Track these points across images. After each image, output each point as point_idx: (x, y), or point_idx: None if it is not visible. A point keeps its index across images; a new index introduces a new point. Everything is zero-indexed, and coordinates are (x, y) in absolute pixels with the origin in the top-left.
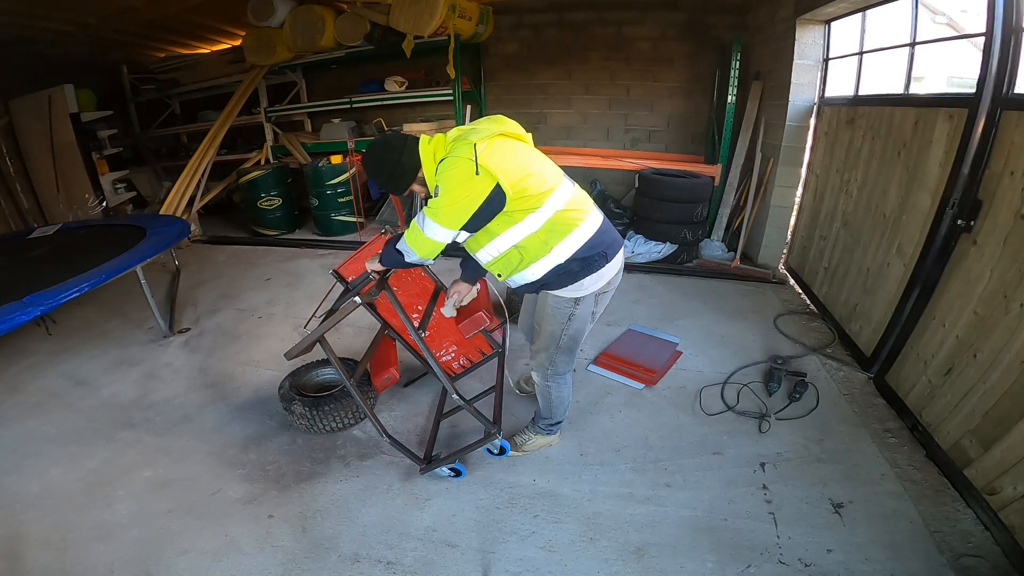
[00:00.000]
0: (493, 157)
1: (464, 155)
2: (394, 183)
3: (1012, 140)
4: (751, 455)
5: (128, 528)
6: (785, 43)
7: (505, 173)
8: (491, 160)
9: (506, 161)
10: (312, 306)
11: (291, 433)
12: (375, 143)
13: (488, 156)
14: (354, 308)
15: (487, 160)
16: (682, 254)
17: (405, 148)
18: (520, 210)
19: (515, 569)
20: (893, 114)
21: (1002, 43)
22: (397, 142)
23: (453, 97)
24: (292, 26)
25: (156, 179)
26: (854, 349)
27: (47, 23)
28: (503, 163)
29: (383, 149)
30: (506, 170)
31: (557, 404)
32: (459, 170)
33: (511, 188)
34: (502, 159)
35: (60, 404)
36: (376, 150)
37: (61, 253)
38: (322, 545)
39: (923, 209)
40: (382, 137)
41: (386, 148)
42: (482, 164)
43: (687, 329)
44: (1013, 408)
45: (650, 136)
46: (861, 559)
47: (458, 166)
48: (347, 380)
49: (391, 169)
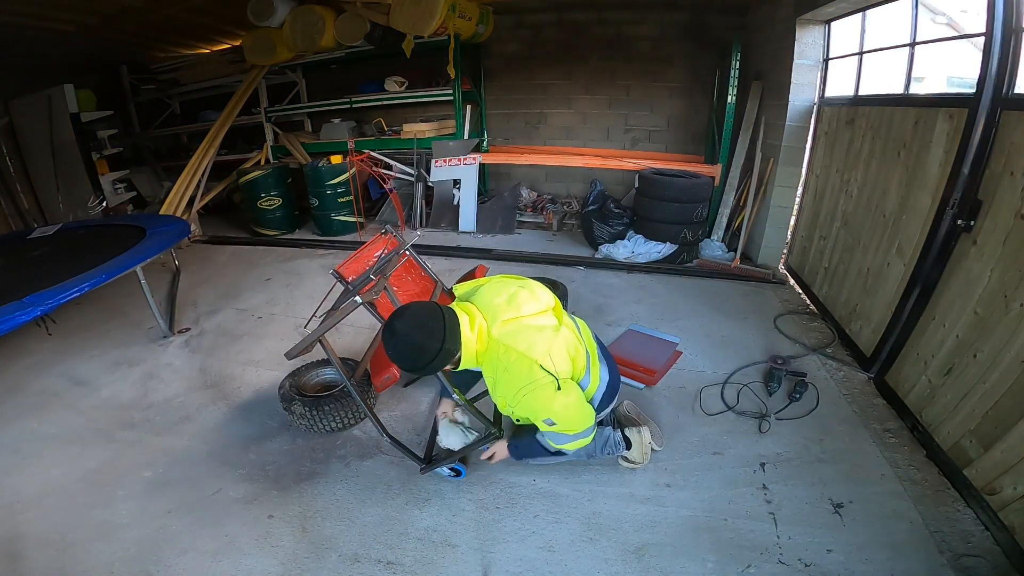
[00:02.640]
0: (558, 363)
1: (539, 378)
2: (429, 369)
3: (1012, 140)
4: (751, 455)
5: (128, 528)
6: (785, 43)
7: (573, 366)
8: (560, 360)
9: (564, 360)
10: (312, 306)
11: (291, 433)
12: (411, 328)
13: (557, 358)
14: (354, 308)
15: (560, 362)
16: (682, 254)
17: (447, 334)
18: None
19: (515, 569)
20: (893, 114)
21: (1002, 43)
22: (436, 327)
23: (453, 97)
24: (292, 26)
25: (156, 179)
26: (854, 349)
27: (47, 23)
28: (565, 357)
29: (425, 336)
30: (569, 368)
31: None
32: (549, 388)
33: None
34: (562, 360)
35: (60, 404)
36: (416, 338)
37: (61, 253)
38: (322, 545)
39: (923, 209)
40: (415, 321)
41: (429, 336)
42: (562, 379)
43: (687, 329)
44: (1013, 408)
45: (650, 136)
46: (861, 559)
47: (548, 386)
48: (347, 380)
49: (431, 359)
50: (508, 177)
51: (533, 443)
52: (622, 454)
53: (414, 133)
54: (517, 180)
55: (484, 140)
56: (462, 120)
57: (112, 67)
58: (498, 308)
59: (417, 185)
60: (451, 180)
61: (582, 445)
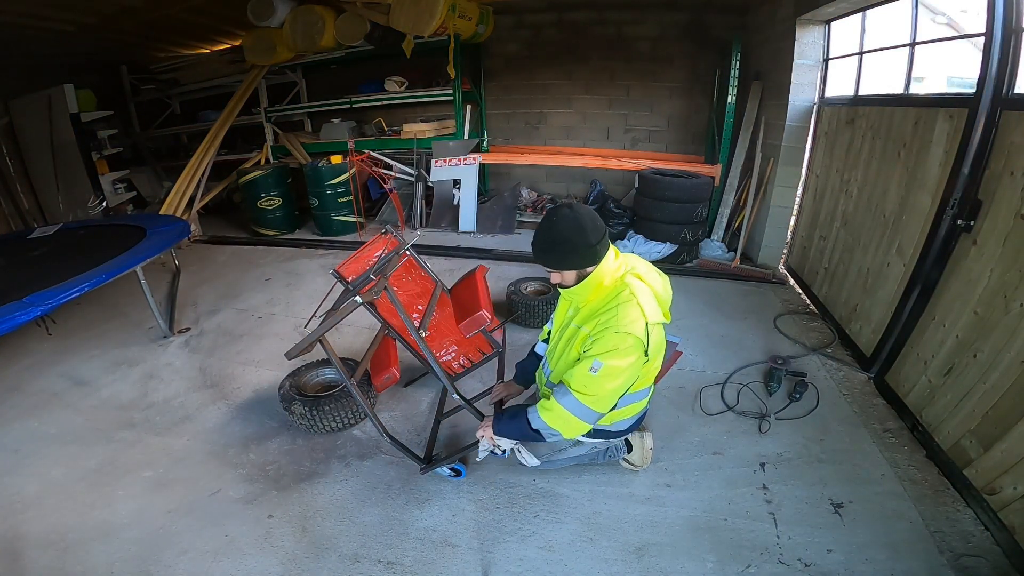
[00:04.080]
0: (655, 338)
1: (637, 333)
2: (562, 259)
3: (1012, 140)
4: (751, 455)
5: (128, 528)
6: (785, 43)
7: (655, 358)
8: (654, 342)
9: (658, 343)
10: (312, 306)
11: (291, 433)
12: (583, 216)
13: (654, 337)
14: (354, 308)
15: (653, 342)
16: (682, 254)
17: (602, 242)
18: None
19: (515, 569)
20: (893, 114)
21: (1002, 43)
22: (600, 229)
23: (453, 97)
24: (292, 26)
25: (156, 179)
26: (854, 349)
27: (47, 23)
28: (657, 344)
29: (590, 228)
30: (655, 356)
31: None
32: (630, 353)
33: (646, 367)
34: (657, 341)
35: (60, 404)
36: (583, 222)
37: (61, 253)
38: (322, 545)
39: (923, 209)
40: (588, 214)
41: (592, 231)
42: (651, 351)
43: (687, 329)
44: (1013, 408)
45: (650, 136)
46: (861, 559)
47: (631, 348)
48: (347, 380)
49: (575, 250)
50: (508, 177)
51: (518, 414)
52: (623, 457)
53: (414, 133)
54: (517, 180)
55: (484, 140)
56: (462, 120)
57: (112, 67)
58: (639, 268)
59: (417, 185)
60: (451, 180)
61: (566, 431)
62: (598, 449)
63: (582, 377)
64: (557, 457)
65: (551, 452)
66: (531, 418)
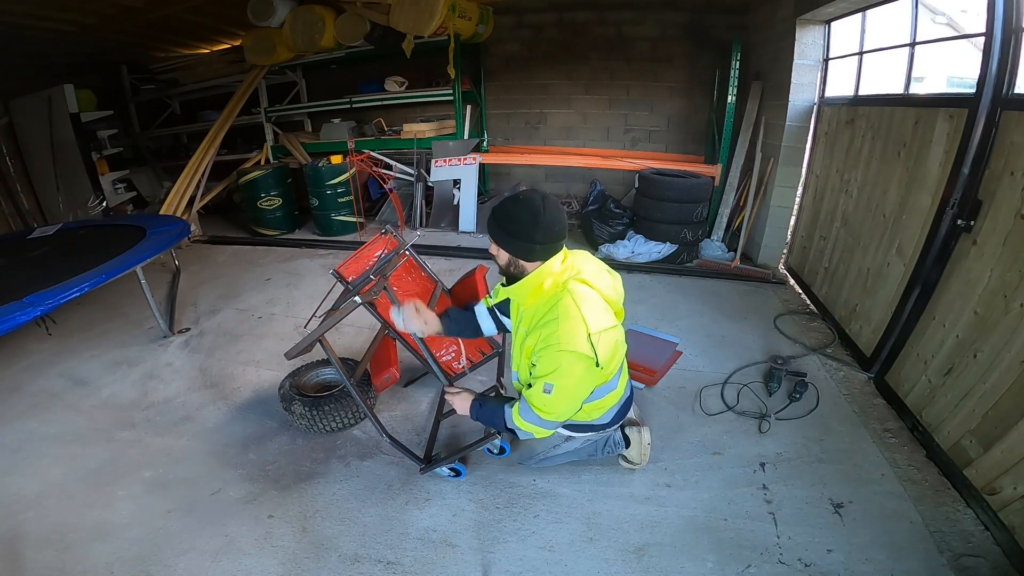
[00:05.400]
0: (602, 349)
1: (580, 349)
2: (510, 240)
3: (1012, 140)
4: (751, 455)
5: (128, 528)
6: (785, 43)
7: (611, 361)
8: (604, 350)
9: (607, 352)
10: (312, 306)
11: (291, 433)
12: (548, 206)
13: (603, 345)
14: (354, 308)
15: (603, 351)
16: (682, 254)
17: (550, 244)
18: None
19: (515, 569)
20: (893, 114)
21: (1002, 43)
22: (554, 223)
23: (453, 97)
24: (292, 26)
25: (156, 179)
26: (854, 349)
27: (47, 23)
28: (609, 350)
29: (545, 221)
30: (610, 359)
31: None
32: (576, 369)
33: (602, 371)
34: (605, 351)
35: (60, 404)
36: (537, 212)
37: (61, 253)
38: (322, 545)
39: (923, 209)
40: (553, 206)
41: (547, 225)
42: (602, 359)
43: (687, 329)
44: (1013, 408)
45: (650, 136)
46: (861, 559)
47: (575, 364)
48: (347, 380)
49: (522, 237)
50: (508, 177)
51: (497, 411)
52: (621, 452)
53: (414, 133)
54: (517, 180)
55: (484, 140)
56: (462, 120)
57: (112, 67)
58: (585, 272)
59: (417, 185)
60: (451, 180)
61: (537, 434)
62: (593, 442)
63: (539, 398)
64: (553, 453)
65: (547, 449)
66: (507, 417)
